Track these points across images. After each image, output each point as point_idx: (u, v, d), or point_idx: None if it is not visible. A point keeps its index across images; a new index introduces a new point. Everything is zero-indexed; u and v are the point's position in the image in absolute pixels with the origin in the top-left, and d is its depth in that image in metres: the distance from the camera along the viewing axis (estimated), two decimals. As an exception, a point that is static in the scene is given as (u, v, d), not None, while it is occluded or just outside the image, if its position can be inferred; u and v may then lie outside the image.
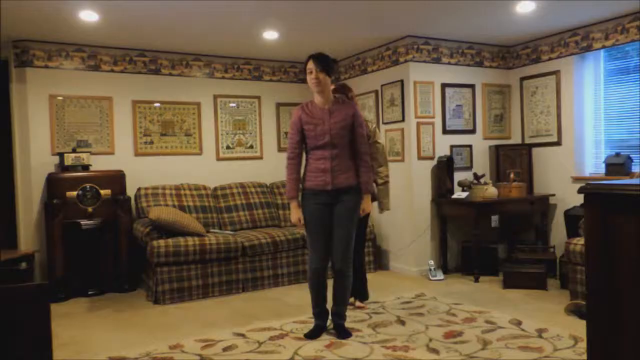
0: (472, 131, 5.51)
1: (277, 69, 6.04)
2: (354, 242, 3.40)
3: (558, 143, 5.22)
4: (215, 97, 5.70)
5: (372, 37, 5.12)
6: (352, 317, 3.77)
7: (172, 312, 4.15)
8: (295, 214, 3.38)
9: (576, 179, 5.05)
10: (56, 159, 4.88)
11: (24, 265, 4.31)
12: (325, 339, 3.37)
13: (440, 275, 5.00)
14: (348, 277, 3.41)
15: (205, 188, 5.36)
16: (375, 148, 4.02)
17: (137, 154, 5.30)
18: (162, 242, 4.41)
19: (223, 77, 5.73)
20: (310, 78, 3.28)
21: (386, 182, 4.09)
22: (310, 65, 3.27)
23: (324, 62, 3.27)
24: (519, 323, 3.56)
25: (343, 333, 3.39)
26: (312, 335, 3.42)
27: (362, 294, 4.12)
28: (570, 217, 4.83)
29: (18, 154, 4.87)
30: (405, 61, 5.13)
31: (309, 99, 3.44)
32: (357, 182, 3.36)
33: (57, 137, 4.94)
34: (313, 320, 3.53)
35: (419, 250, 5.19)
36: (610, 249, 1.66)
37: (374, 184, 3.95)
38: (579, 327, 3.35)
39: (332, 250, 3.36)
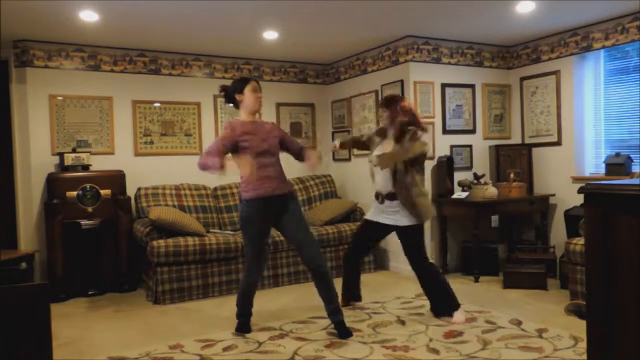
0: (472, 131, 5.51)
1: (277, 69, 6.04)
2: None
3: (558, 143, 5.22)
4: (215, 97, 5.69)
5: (372, 37, 5.11)
6: (353, 317, 3.77)
7: (172, 312, 4.15)
8: (242, 161, 3.31)
9: (576, 179, 5.05)
10: (56, 159, 4.88)
11: (24, 265, 4.31)
12: (326, 339, 3.37)
13: (440, 275, 5.00)
14: (327, 272, 3.43)
15: (205, 188, 5.36)
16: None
17: (137, 154, 5.30)
18: (162, 242, 4.41)
19: (223, 77, 5.73)
20: (256, 97, 3.46)
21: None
22: (256, 85, 3.47)
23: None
24: (519, 323, 3.56)
25: (344, 332, 3.38)
26: (244, 329, 3.53)
27: (452, 303, 3.71)
28: (570, 217, 4.83)
29: (18, 154, 4.87)
30: (405, 61, 5.13)
31: (309, 99, 3.46)
32: (293, 189, 3.58)
33: (57, 137, 4.94)
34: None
35: (419, 250, 5.17)
36: (610, 249, 1.66)
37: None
38: (579, 327, 3.35)
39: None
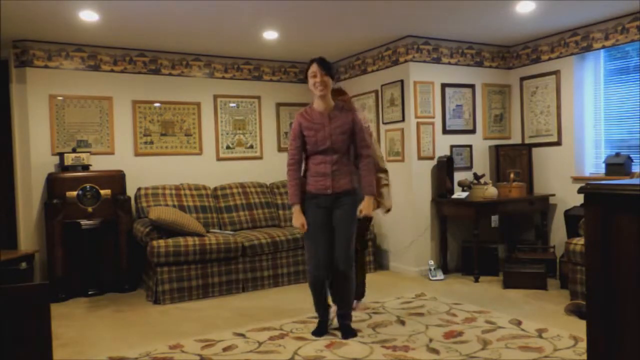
0: (472, 131, 5.51)
1: (277, 69, 6.04)
2: (354, 243, 3.38)
3: (558, 143, 5.22)
4: (215, 97, 5.70)
5: (372, 37, 5.11)
6: (353, 317, 3.76)
7: (172, 312, 4.15)
8: (299, 219, 3.35)
9: (576, 179, 5.05)
10: (56, 159, 4.88)
11: (24, 265, 4.31)
12: (326, 338, 3.37)
13: (440, 275, 5.00)
14: (350, 278, 3.38)
15: (205, 188, 5.36)
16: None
17: (137, 154, 5.30)
18: (162, 242, 4.41)
19: (223, 77, 5.73)
20: (314, 82, 3.29)
21: (387, 185, 4.02)
22: (315, 68, 3.28)
23: (328, 66, 3.30)
24: (519, 323, 3.57)
25: (348, 333, 3.39)
26: (318, 332, 3.43)
27: (357, 292, 3.93)
28: (570, 217, 4.83)
29: (18, 154, 4.87)
30: (405, 61, 5.13)
31: (309, 99, 3.44)
32: (356, 186, 3.34)
33: (57, 137, 4.94)
34: (315, 319, 3.55)
35: (419, 250, 5.18)
36: (610, 249, 1.66)
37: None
38: (579, 327, 3.35)
39: (331, 256, 3.33)
